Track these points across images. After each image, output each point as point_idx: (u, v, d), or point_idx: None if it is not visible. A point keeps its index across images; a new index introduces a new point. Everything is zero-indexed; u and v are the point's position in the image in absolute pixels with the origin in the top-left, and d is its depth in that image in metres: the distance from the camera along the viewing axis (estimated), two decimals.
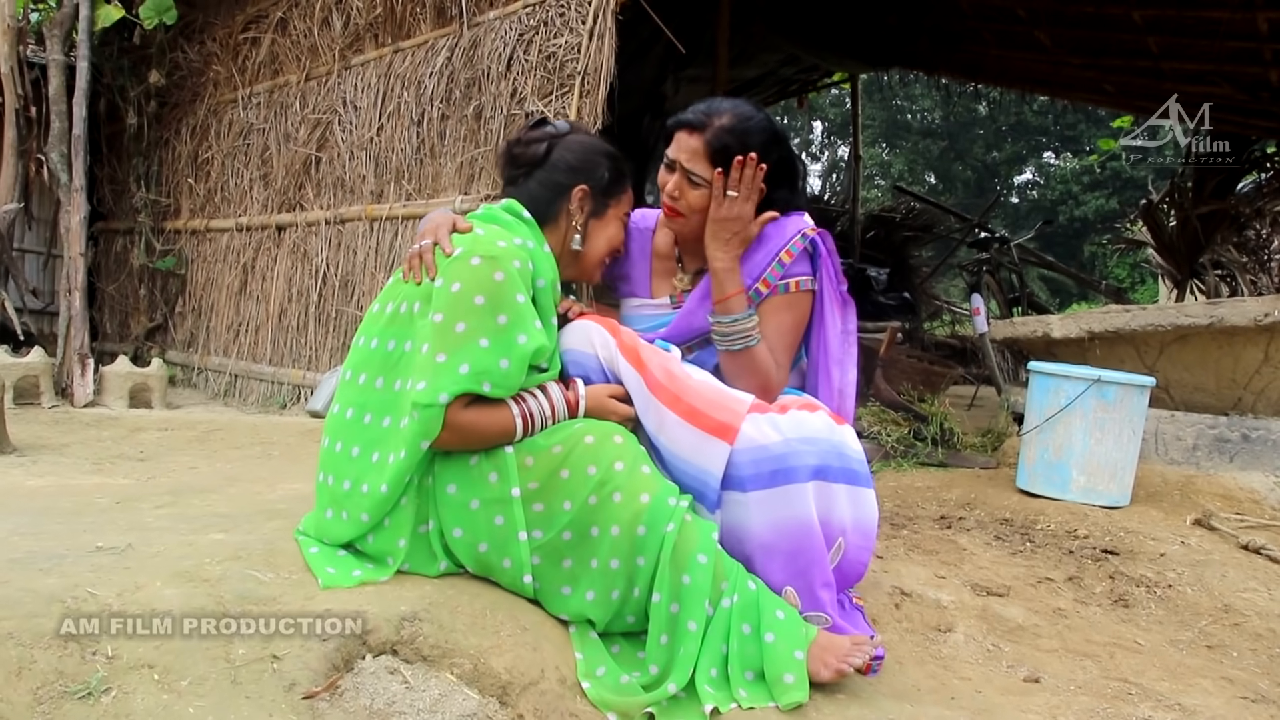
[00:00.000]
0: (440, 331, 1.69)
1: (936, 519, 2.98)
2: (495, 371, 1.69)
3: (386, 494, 1.70)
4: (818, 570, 1.79)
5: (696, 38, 6.09)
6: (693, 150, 1.97)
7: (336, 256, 5.57)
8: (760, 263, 2.00)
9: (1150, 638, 2.22)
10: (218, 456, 3.87)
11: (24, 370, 5.31)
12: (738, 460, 1.76)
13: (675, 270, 2.17)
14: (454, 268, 1.73)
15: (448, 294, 1.71)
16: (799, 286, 2.02)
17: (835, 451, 1.81)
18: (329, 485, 1.80)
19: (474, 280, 1.71)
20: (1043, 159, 23.27)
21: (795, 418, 1.81)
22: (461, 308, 1.70)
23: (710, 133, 1.96)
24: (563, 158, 1.95)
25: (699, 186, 1.98)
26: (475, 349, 1.68)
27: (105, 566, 1.63)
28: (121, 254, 7.35)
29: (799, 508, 1.75)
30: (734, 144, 1.95)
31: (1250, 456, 3.29)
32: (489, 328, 1.69)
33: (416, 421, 1.66)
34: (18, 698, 1.30)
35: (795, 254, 1.99)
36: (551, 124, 2.01)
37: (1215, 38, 5.87)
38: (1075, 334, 3.81)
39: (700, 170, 1.96)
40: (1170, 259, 8.07)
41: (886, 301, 7.76)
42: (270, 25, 6.26)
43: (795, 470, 1.75)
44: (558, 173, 1.94)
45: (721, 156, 1.95)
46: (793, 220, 2.02)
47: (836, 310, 2.05)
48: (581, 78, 4.15)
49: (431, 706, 1.47)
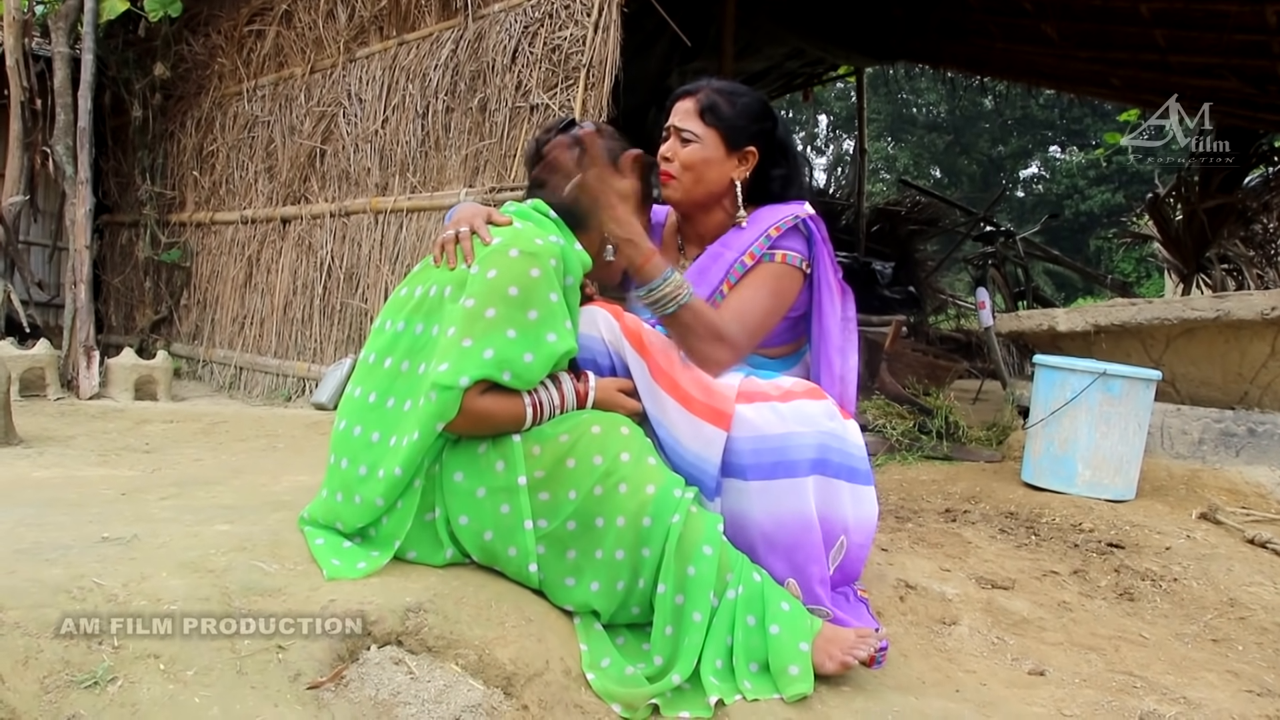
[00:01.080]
0: (470, 317, 1.69)
1: (941, 512, 2.98)
2: (518, 363, 1.69)
3: (400, 477, 1.70)
4: (815, 566, 1.79)
5: (702, 31, 6.08)
6: (686, 111, 2.04)
7: (341, 249, 5.57)
8: (749, 239, 2.00)
9: (1155, 631, 2.22)
10: (223, 449, 3.87)
11: (30, 362, 5.33)
12: (739, 447, 1.76)
13: (679, 258, 2.17)
14: (492, 257, 1.73)
15: (483, 280, 1.71)
16: (785, 259, 1.99)
17: (837, 446, 1.81)
18: (341, 468, 1.79)
19: (511, 271, 1.71)
20: (1048, 153, 23.19)
21: (798, 406, 1.80)
22: (495, 296, 1.70)
23: (702, 93, 2.05)
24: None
25: (690, 142, 2.02)
26: (502, 338, 1.68)
27: (111, 557, 1.63)
28: (127, 247, 7.36)
29: (798, 502, 1.75)
30: (722, 102, 2.02)
31: (1256, 451, 3.28)
32: (518, 320, 1.69)
33: (433, 403, 1.66)
34: (25, 687, 1.30)
35: (783, 229, 1.99)
36: (580, 126, 1.97)
37: (1223, 31, 5.84)
38: (1081, 327, 3.80)
39: (691, 126, 2.02)
40: (1176, 253, 8.04)
41: (892, 295, 7.75)
42: (275, 18, 6.26)
43: (796, 464, 1.75)
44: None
45: (711, 113, 2.01)
46: (789, 205, 2.04)
47: (836, 297, 2.05)
48: (586, 70, 4.14)
49: (436, 697, 1.47)
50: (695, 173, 2.02)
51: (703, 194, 2.05)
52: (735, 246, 2.00)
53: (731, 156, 2.03)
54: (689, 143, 2.02)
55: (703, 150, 2.01)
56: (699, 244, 2.12)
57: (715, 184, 2.04)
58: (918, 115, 23.40)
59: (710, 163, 2.02)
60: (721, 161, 2.03)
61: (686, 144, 2.02)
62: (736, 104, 2.03)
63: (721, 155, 2.02)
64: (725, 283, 1.98)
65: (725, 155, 2.03)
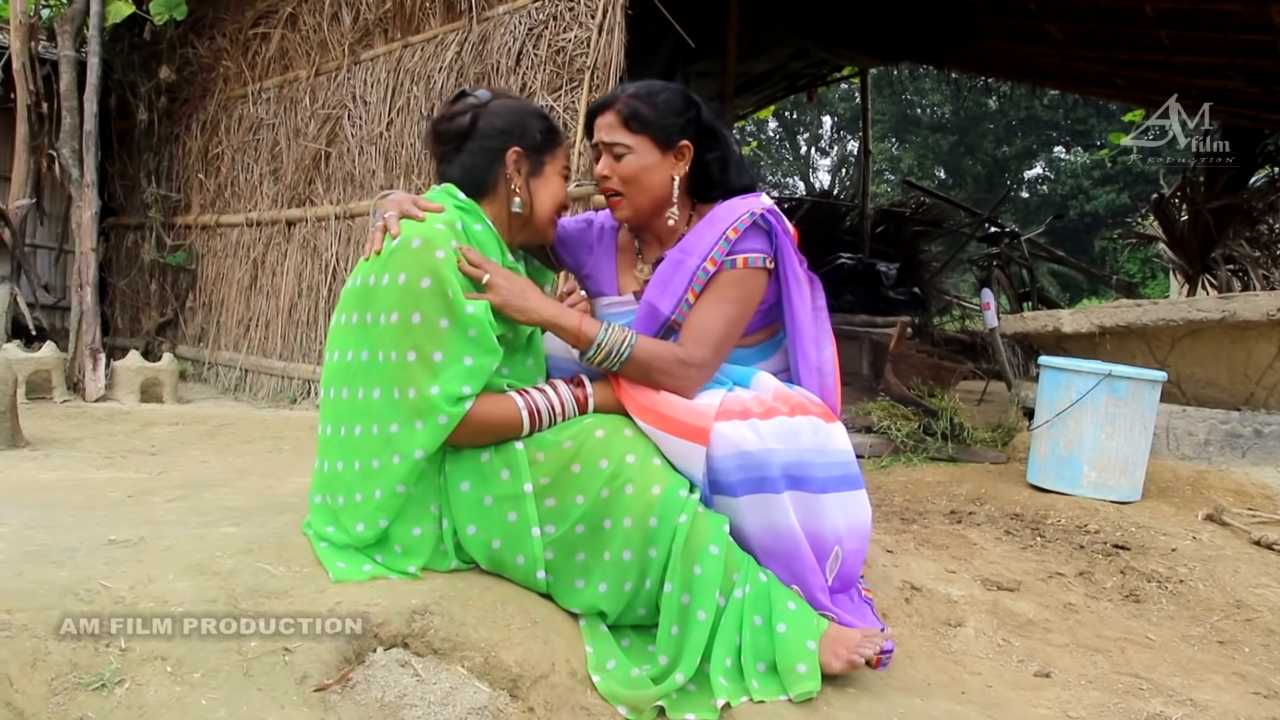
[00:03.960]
0: (405, 330, 1.69)
1: (947, 514, 2.98)
2: (465, 344, 1.70)
3: (380, 500, 1.71)
4: (812, 575, 1.79)
5: (706, 32, 6.08)
6: (608, 125, 1.99)
7: (346, 251, 5.58)
8: (709, 242, 1.94)
9: (1161, 633, 2.22)
10: (229, 451, 3.88)
11: (36, 365, 5.34)
12: (723, 465, 1.76)
13: (637, 263, 2.14)
14: (393, 259, 1.72)
15: (395, 289, 1.70)
16: (748, 263, 1.94)
17: (820, 461, 1.78)
18: (326, 504, 1.81)
19: (418, 266, 1.70)
20: (1053, 153, 23.14)
21: (777, 423, 1.77)
22: (411, 298, 1.69)
23: (620, 103, 1.99)
24: (490, 124, 1.90)
25: (623, 155, 1.97)
26: (440, 333, 1.68)
27: (118, 559, 1.64)
28: (132, 249, 7.38)
29: (781, 516, 1.75)
30: (642, 106, 1.97)
31: (1263, 452, 3.27)
32: (445, 309, 1.69)
33: (444, 425, 1.67)
34: (33, 689, 1.31)
35: (741, 230, 1.94)
36: (472, 94, 1.97)
37: (1228, 31, 5.83)
38: (1086, 329, 3.80)
39: (619, 138, 1.97)
40: (1182, 253, 8.02)
41: (896, 296, 7.75)
42: (280, 20, 6.27)
43: (774, 480, 1.74)
44: (487, 139, 1.89)
45: (636, 120, 1.96)
46: (746, 200, 1.99)
47: (805, 288, 2.02)
48: (591, 72, 4.15)
49: (442, 699, 1.48)
50: (637, 184, 1.98)
51: (649, 204, 2.01)
52: (696, 252, 1.94)
53: (668, 156, 1.99)
54: (622, 156, 1.97)
55: (638, 159, 1.97)
56: (658, 245, 2.08)
57: (659, 189, 2.00)
58: (922, 116, 23.37)
59: (649, 169, 1.97)
60: (659, 165, 1.98)
61: (620, 158, 1.97)
62: (658, 103, 1.98)
63: (658, 158, 1.98)
64: (690, 290, 1.93)
65: (661, 157, 1.98)
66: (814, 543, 1.80)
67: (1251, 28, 5.74)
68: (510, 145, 1.89)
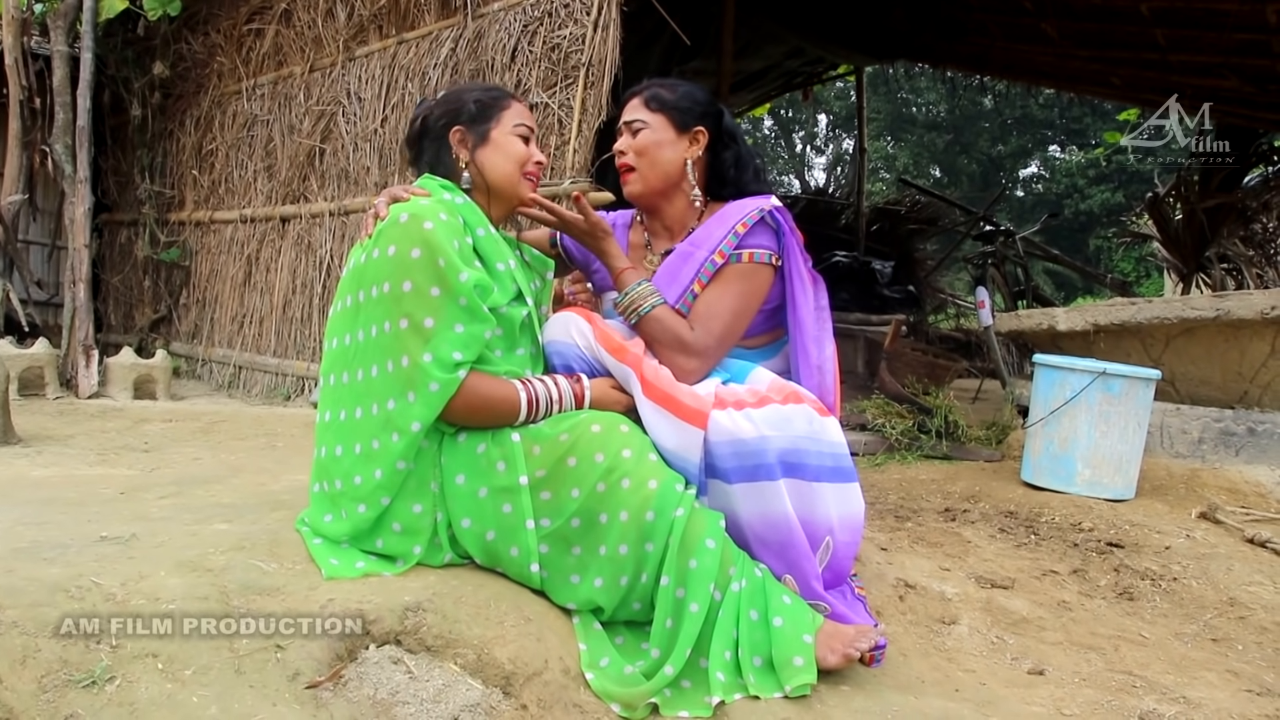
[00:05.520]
0: (396, 300, 1.71)
1: (941, 511, 2.98)
2: (457, 311, 1.72)
3: (381, 479, 1.71)
4: (807, 562, 1.80)
5: (701, 30, 6.08)
6: (633, 105, 2.15)
7: (341, 248, 5.57)
8: (718, 236, 2.02)
9: (1155, 631, 2.22)
10: (222, 448, 3.87)
11: (29, 361, 5.32)
12: (719, 451, 1.77)
13: (647, 256, 2.20)
14: (383, 235, 1.76)
15: (385, 260, 1.73)
16: (754, 258, 2.02)
17: (814, 449, 1.80)
18: (325, 491, 1.82)
19: (406, 237, 1.73)
20: (1048, 152, 23.17)
21: (772, 411, 1.79)
22: (402, 268, 1.71)
23: (647, 90, 2.15)
24: (434, 116, 2.01)
25: (640, 130, 2.10)
26: (431, 301, 1.70)
27: (109, 556, 1.63)
28: (126, 245, 7.35)
29: (777, 504, 1.76)
30: (664, 91, 2.12)
31: (1256, 450, 3.28)
32: (435, 276, 1.71)
33: (436, 393, 1.68)
34: (23, 686, 1.30)
35: (750, 225, 2.02)
36: (423, 101, 2.10)
37: (1223, 30, 5.83)
38: (1080, 327, 3.80)
39: (639, 115, 2.11)
40: (1176, 252, 8.03)
41: (891, 294, 7.75)
42: (274, 16, 6.25)
43: (770, 467, 1.75)
44: (435, 131, 1.99)
45: (655, 100, 2.11)
46: (756, 199, 2.07)
47: (808, 287, 2.07)
48: (586, 69, 4.14)
49: (435, 696, 1.47)
50: (649, 157, 2.09)
51: (659, 179, 2.10)
52: (705, 245, 2.02)
53: (682, 137, 2.10)
54: (639, 131, 2.10)
55: (653, 134, 2.09)
56: (667, 237, 2.16)
57: (670, 165, 2.10)
58: (917, 114, 23.39)
59: (662, 144, 2.09)
60: (673, 142, 2.10)
61: (637, 133, 2.10)
62: (678, 90, 2.13)
63: (672, 136, 2.09)
64: (696, 282, 2.01)
65: (676, 136, 2.10)
66: (807, 531, 1.80)
67: (1246, 27, 5.75)
68: (451, 127, 1.97)
